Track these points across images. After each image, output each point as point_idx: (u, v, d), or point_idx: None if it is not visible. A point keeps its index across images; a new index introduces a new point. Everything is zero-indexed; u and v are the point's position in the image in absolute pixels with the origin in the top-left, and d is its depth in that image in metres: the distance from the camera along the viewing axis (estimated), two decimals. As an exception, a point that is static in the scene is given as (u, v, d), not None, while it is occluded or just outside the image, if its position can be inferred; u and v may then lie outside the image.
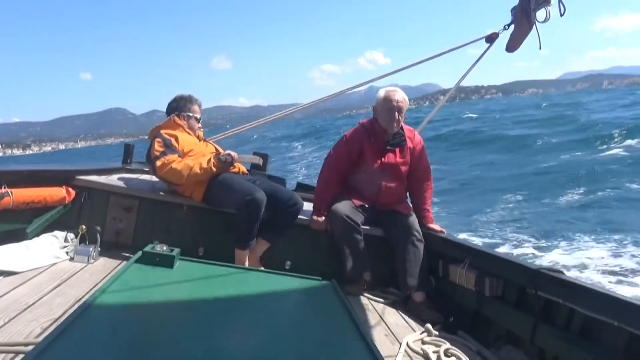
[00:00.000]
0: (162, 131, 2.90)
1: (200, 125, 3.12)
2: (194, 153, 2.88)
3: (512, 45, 3.41)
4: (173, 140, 2.86)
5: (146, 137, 3.12)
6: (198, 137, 3.09)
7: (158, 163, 2.76)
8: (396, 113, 2.88)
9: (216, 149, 3.10)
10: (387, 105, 2.89)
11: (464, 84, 3.96)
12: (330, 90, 4.26)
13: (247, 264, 2.72)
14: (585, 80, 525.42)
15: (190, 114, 3.06)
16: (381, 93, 2.95)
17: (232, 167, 2.97)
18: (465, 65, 3.81)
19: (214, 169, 2.81)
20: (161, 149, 2.80)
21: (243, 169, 3.13)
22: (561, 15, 3.04)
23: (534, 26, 3.22)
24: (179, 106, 3.06)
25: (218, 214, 2.90)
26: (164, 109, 3.16)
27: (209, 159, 2.81)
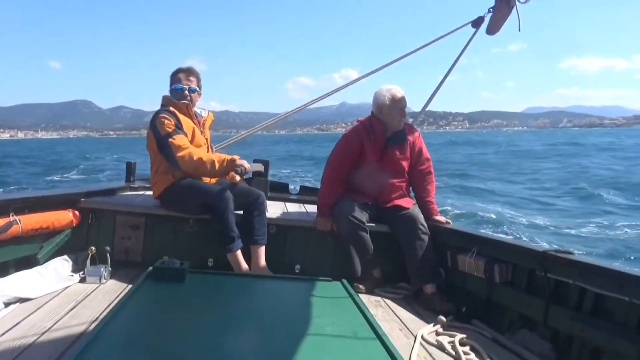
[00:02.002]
0: (161, 114, 2.74)
1: (188, 93, 2.86)
2: (194, 140, 2.80)
3: (493, 28, 3.51)
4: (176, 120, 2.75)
5: (111, 133, 2.95)
6: (196, 120, 2.92)
7: (175, 142, 2.63)
8: (404, 109, 2.95)
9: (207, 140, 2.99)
10: (399, 105, 2.93)
11: (433, 108, 4.13)
12: (304, 102, 4.32)
13: (243, 266, 2.69)
14: (547, 117, 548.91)
15: (176, 85, 2.88)
16: (386, 94, 2.92)
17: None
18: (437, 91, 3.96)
19: (224, 172, 2.78)
20: (172, 127, 2.69)
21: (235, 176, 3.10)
22: None
23: (515, 8, 3.31)
24: (170, 85, 2.94)
25: None
26: (132, 106, 2.60)
27: (225, 160, 2.70)
